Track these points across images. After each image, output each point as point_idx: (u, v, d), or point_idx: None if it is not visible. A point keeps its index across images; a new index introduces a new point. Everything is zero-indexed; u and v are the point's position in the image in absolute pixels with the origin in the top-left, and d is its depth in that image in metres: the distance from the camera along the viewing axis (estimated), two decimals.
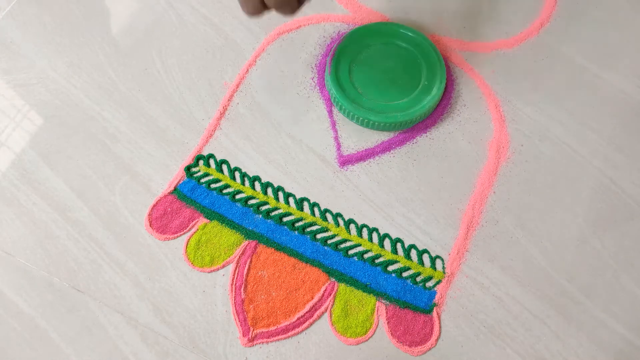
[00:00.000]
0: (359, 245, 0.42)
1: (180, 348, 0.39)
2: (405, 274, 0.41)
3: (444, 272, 0.41)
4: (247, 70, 0.48)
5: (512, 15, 0.49)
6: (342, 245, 0.42)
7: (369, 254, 0.41)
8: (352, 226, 0.42)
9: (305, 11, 0.50)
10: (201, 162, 0.45)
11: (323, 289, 0.40)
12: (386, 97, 0.44)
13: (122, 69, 0.48)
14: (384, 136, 0.45)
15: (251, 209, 0.43)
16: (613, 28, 0.48)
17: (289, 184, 0.44)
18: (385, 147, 0.45)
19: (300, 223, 0.42)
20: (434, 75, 0.44)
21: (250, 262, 0.41)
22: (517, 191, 0.43)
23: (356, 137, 0.45)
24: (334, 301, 0.40)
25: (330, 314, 0.40)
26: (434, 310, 0.40)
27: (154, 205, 0.43)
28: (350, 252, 0.41)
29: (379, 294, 0.40)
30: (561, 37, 0.48)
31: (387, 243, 0.42)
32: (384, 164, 0.44)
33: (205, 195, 0.43)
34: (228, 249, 0.42)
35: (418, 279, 0.41)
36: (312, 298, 0.40)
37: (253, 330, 0.40)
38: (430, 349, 0.39)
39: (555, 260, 0.41)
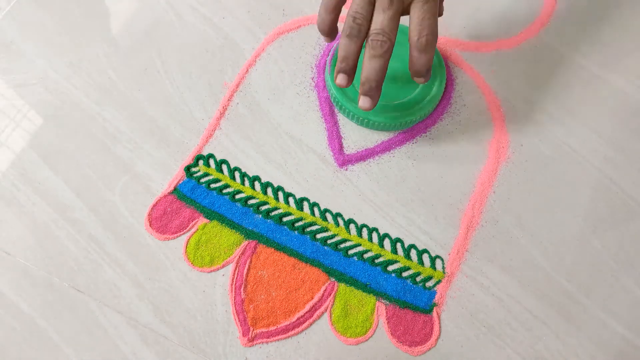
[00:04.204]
0: (359, 245, 0.42)
1: (180, 348, 0.39)
2: (405, 274, 0.41)
3: (443, 272, 0.41)
4: (247, 70, 0.48)
5: (512, 16, 0.49)
6: (342, 245, 0.42)
7: (369, 254, 0.41)
8: (352, 226, 0.42)
9: (305, 11, 0.50)
10: (201, 162, 0.45)
11: (323, 288, 0.41)
12: (386, 97, 0.44)
13: (122, 69, 0.48)
14: (384, 136, 0.45)
15: (251, 208, 0.43)
16: (613, 28, 0.48)
17: (288, 184, 0.44)
18: (385, 147, 0.45)
19: (300, 223, 0.42)
20: (434, 75, 0.44)
21: (250, 262, 0.41)
22: (517, 191, 0.43)
23: (356, 137, 0.45)
24: (334, 301, 0.40)
25: (330, 314, 0.40)
26: (434, 310, 0.40)
27: (154, 205, 0.43)
28: (350, 252, 0.41)
29: (379, 294, 0.40)
30: (561, 37, 0.48)
31: (387, 243, 0.42)
32: (384, 164, 0.44)
33: (205, 195, 0.43)
34: (228, 248, 0.42)
35: (418, 278, 0.41)
36: (312, 298, 0.40)
37: (253, 330, 0.40)
38: (430, 349, 0.39)
39: (555, 260, 0.41)
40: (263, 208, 0.43)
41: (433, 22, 0.36)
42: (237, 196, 0.43)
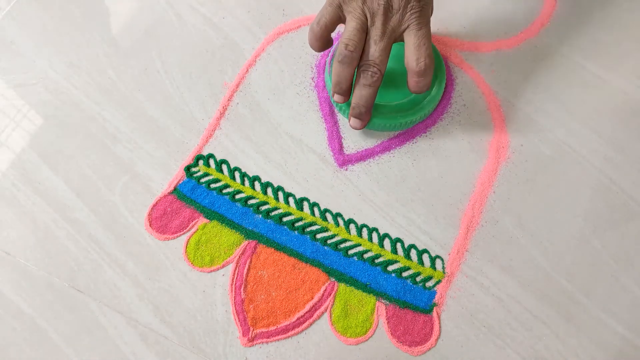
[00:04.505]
0: (359, 245, 0.42)
1: (180, 348, 0.39)
2: (405, 274, 0.41)
3: (443, 272, 0.41)
4: (247, 70, 0.48)
5: (512, 15, 0.49)
6: (342, 245, 0.42)
7: (369, 254, 0.41)
8: (352, 226, 0.42)
9: (305, 11, 0.50)
10: (201, 162, 0.45)
11: (323, 288, 0.41)
12: (386, 97, 0.44)
13: (122, 69, 0.48)
14: (384, 136, 0.45)
15: (251, 208, 0.43)
16: (613, 28, 0.48)
17: (288, 184, 0.44)
18: (385, 147, 0.45)
19: (300, 223, 0.42)
20: (434, 76, 0.44)
21: (250, 262, 0.41)
22: (517, 191, 0.43)
23: (356, 137, 0.45)
24: (333, 301, 0.40)
25: (330, 314, 0.40)
26: (434, 310, 0.40)
27: (154, 205, 0.43)
28: (350, 252, 0.41)
29: (379, 293, 0.40)
30: (561, 37, 0.48)
31: (387, 243, 0.42)
32: (384, 164, 0.44)
33: (205, 195, 0.43)
34: (228, 249, 0.42)
35: (418, 278, 0.41)
36: (312, 298, 0.40)
37: (253, 330, 0.40)
38: (430, 349, 0.39)
39: (555, 260, 0.41)
40: (263, 208, 0.43)
41: (429, 46, 0.38)
42: (237, 196, 0.43)
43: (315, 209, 0.43)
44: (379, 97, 0.44)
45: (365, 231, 0.42)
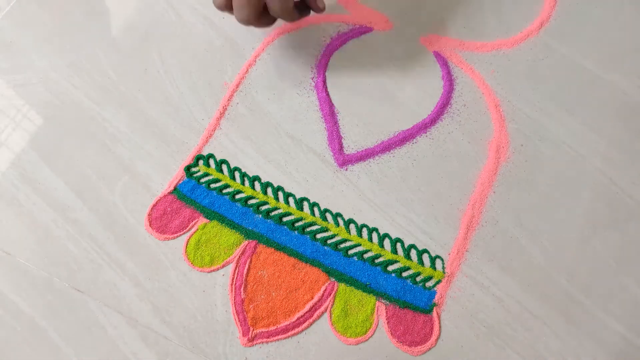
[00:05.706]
0: (359, 245, 0.42)
1: (180, 348, 0.39)
2: (405, 274, 0.41)
3: (443, 272, 0.41)
4: (247, 70, 0.48)
5: (512, 15, 0.49)
6: (342, 245, 0.42)
7: (369, 254, 0.41)
8: (352, 226, 0.42)
9: None
10: (201, 162, 0.45)
11: (323, 288, 0.41)
12: None
13: (122, 69, 0.48)
14: (383, 136, 0.45)
15: (251, 208, 0.43)
16: (613, 28, 0.48)
17: (288, 184, 0.44)
18: (385, 147, 0.45)
19: (300, 223, 0.42)
20: None
21: (250, 262, 0.41)
22: (517, 191, 0.43)
23: (356, 137, 0.45)
24: (333, 301, 0.40)
25: (330, 314, 0.40)
26: (434, 310, 0.40)
27: (154, 205, 0.43)
28: (350, 252, 0.41)
29: (379, 293, 0.40)
30: (561, 37, 0.48)
31: (387, 243, 0.42)
32: (384, 164, 0.44)
33: (205, 195, 0.43)
34: (228, 248, 0.42)
35: (418, 278, 0.41)
36: (312, 298, 0.40)
37: (253, 330, 0.40)
38: (430, 348, 0.39)
39: (555, 260, 0.41)
40: (263, 208, 0.43)
41: None
42: (237, 196, 0.43)
43: (315, 209, 0.43)
44: None
45: (365, 231, 0.42)
